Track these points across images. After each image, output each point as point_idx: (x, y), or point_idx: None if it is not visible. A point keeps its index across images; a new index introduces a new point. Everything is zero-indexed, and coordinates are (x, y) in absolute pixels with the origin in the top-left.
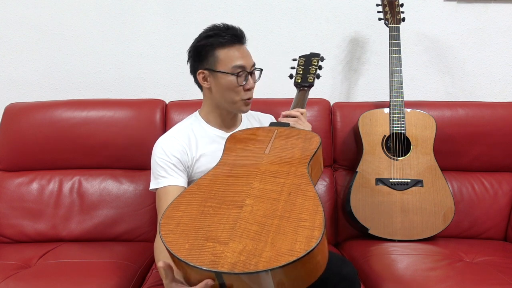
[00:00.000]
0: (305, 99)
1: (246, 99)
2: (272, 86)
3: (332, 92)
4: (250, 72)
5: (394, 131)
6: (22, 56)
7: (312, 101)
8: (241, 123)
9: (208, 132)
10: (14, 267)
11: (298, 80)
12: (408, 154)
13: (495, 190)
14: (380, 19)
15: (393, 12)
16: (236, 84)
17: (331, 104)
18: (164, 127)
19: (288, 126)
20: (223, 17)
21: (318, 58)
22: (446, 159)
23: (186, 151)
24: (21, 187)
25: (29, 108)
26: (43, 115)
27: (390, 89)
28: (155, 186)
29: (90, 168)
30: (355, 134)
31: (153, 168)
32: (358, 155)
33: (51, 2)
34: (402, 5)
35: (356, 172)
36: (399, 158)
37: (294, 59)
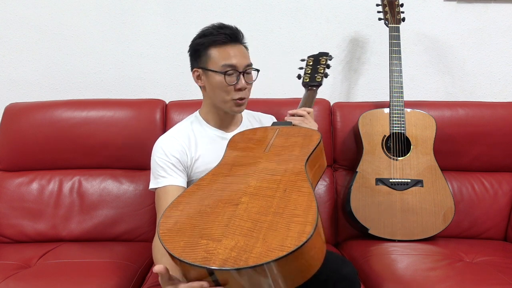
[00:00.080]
0: (313, 99)
1: (237, 99)
2: (272, 86)
3: (332, 92)
4: (243, 72)
5: (394, 131)
6: (22, 56)
7: None
8: (241, 123)
9: (208, 132)
10: (14, 267)
11: (306, 80)
12: (408, 154)
13: (495, 190)
14: (380, 19)
15: (393, 12)
16: (225, 83)
17: (331, 104)
18: (164, 127)
19: (291, 124)
20: (223, 17)
21: (327, 57)
22: (446, 159)
23: (185, 151)
24: (21, 187)
25: (29, 108)
26: (43, 115)
27: (390, 89)
28: (154, 186)
29: (90, 168)
30: (355, 134)
31: (152, 168)
32: (358, 155)
33: (51, 2)
34: (402, 5)
35: (356, 172)
36: (399, 158)
37: (302, 59)
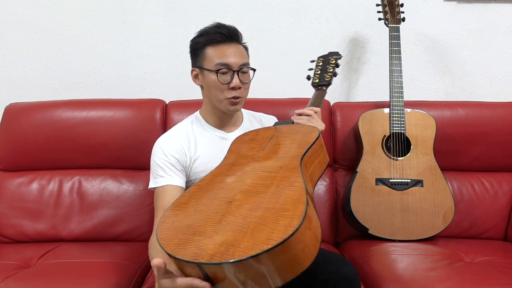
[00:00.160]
0: (321, 98)
1: (231, 97)
2: (272, 86)
3: (332, 92)
4: (238, 71)
5: (394, 131)
6: (22, 56)
7: None
8: (242, 124)
9: (208, 132)
10: (14, 267)
11: (315, 81)
12: (408, 154)
13: (495, 190)
14: (380, 19)
15: (393, 12)
16: (218, 81)
17: (331, 104)
18: (164, 127)
19: (292, 123)
20: (223, 17)
21: (337, 57)
22: (446, 159)
23: (184, 151)
24: (21, 187)
25: (29, 108)
26: (43, 115)
27: (390, 89)
28: (153, 185)
29: (90, 168)
30: (355, 134)
31: (152, 168)
32: (358, 155)
33: (51, 2)
34: (402, 5)
35: (356, 172)
36: (399, 158)
37: (312, 60)
